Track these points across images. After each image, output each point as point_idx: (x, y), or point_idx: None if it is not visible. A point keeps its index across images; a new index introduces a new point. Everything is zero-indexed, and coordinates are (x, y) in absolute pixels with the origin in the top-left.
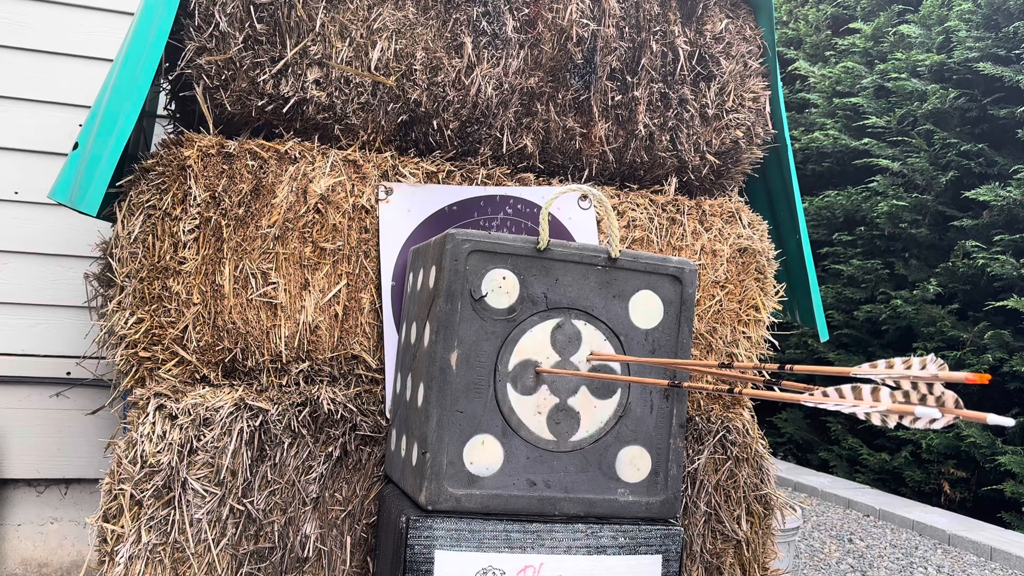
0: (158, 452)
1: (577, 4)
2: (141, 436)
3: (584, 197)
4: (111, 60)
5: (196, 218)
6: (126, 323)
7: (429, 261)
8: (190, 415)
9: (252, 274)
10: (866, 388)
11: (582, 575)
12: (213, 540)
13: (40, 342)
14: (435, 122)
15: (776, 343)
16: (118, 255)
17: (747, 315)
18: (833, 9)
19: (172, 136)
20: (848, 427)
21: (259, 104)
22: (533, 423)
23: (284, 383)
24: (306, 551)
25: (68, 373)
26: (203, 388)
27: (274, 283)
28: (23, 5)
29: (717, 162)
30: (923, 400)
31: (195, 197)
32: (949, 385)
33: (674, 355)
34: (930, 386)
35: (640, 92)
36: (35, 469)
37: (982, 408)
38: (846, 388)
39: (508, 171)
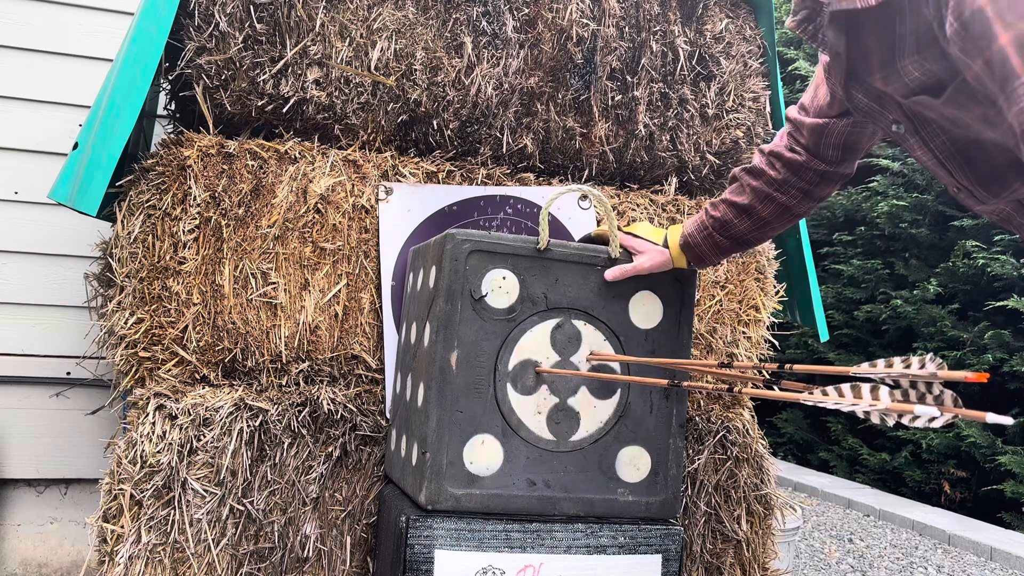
0: (158, 452)
1: (577, 4)
2: (141, 436)
3: (584, 197)
4: (111, 60)
5: (196, 218)
6: (126, 323)
7: (429, 261)
8: (190, 415)
9: (252, 274)
10: (865, 387)
11: (582, 574)
12: (213, 540)
13: (40, 342)
14: (435, 122)
15: (776, 343)
16: (118, 255)
17: (747, 315)
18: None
19: (172, 136)
20: (848, 427)
21: (259, 104)
22: (533, 423)
23: (284, 383)
24: (306, 551)
25: (68, 373)
26: (203, 388)
27: (274, 283)
28: (23, 5)
29: (717, 162)
30: (922, 399)
31: (195, 197)
32: (949, 384)
33: (674, 355)
34: (929, 385)
35: (640, 92)
36: (35, 469)
37: (982, 408)
38: (845, 387)
39: (508, 171)
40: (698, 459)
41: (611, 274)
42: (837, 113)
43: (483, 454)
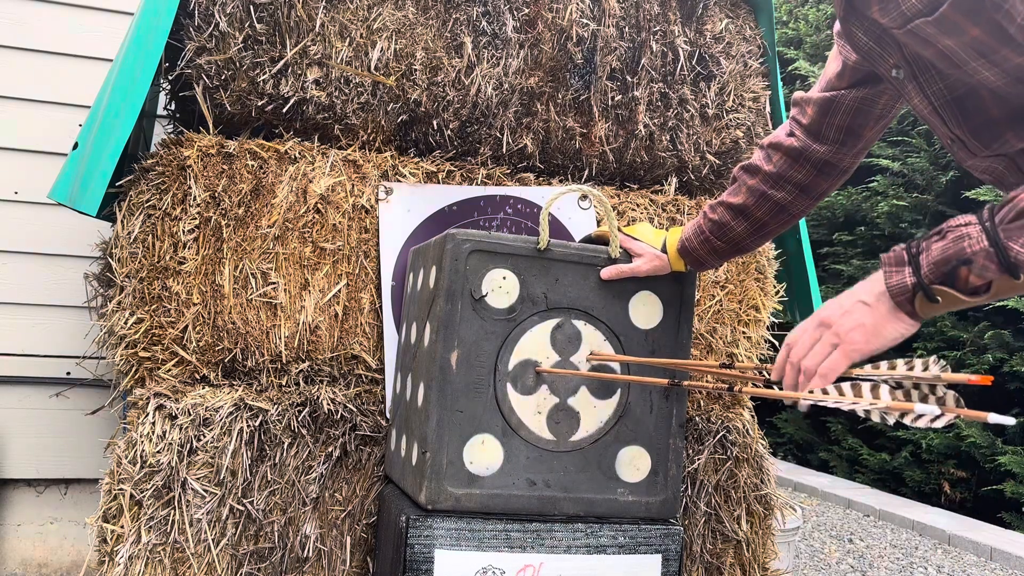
0: (158, 452)
1: (577, 4)
2: (141, 436)
3: (584, 197)
4: (111, 60)
5: (196, 218)
6: (126, 323)
7: (429, 261)
8: (190, 415)
9: (252, 274)
10: (866, 386)
11: (582, 574)
12: (213, 540)
13: (40, 342)
14: (435, 122)
15: (776, 343)
16: (118, 255)
17: (747, 315)
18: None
19: (172, 136)
20: (848, 427)
21: (259, 104)
22: (533, 423)
23: (284, 383)
24: (306, 551)
25: (68, 373)
26: (203, 388)
27: (274, 283)
28: (23, 5)
29: (717, 162)
30: (924, 399)
31: (195, 197)
32: (950, 385)
33: (674, 355)
34: (932, 386)
35: (640, 92)
36: (35, 469)
37: (982, 408)
38: (846, 386)
39: (508, 171)
40: (698, 459)
41: (607, 273)
42: (847, 84)
43: (483, 454)
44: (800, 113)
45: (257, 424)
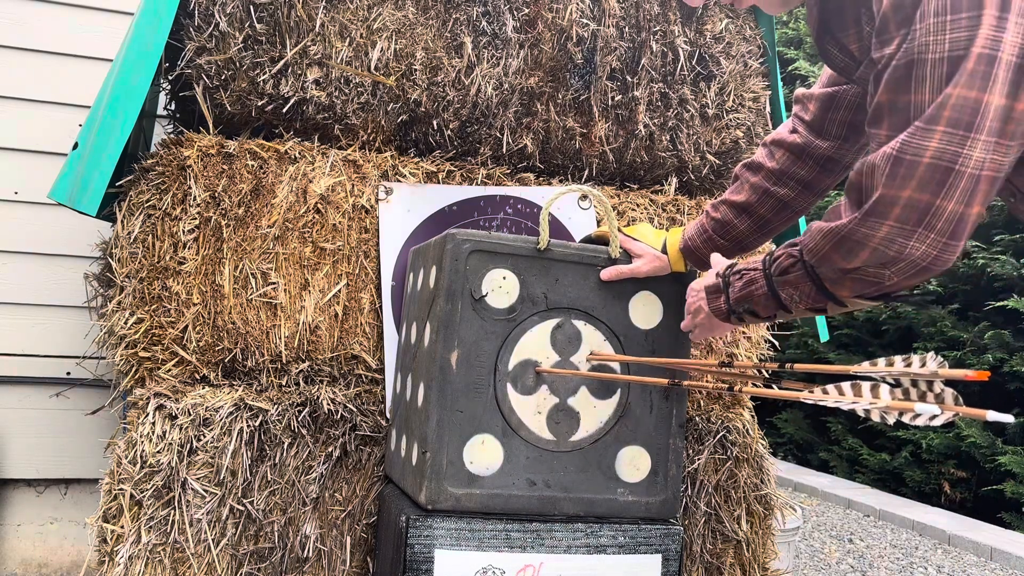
0: (158, 452)
1: (577, 4)
2: (141, 436)
3: (584, 197)
4: (111, 60)
5: (196, 218)
6: (126, 323)
7: (429, 261)
8: (190, 415)
9: (252, 274)
10: (865, 385)
11: (582, 574)
12: (213, 540)
13: (40, 342)
14: (435, 122)
15: (776, 343)
16: (118, 255)
17: None
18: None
19: (172, 136)
20: (848, 427)
21: (259, 104)
22: (533, 423)
23: (284, 383)
24: (306, 551)
25: (68, 373)
26: (203, 388)
27: (274, 283)
28: (23, 5)
29: (717, 162)
30: (923, 398)
31: (195, 197)
32: (949, 383)
33: (674, 355)
34: (930, 384)
35: (640, 92)
36: (35, 469)
37: (982, 408)
38: (845, 385)
39: (508, 171)
40: (698, 459)
41: (607, 274)
42: (847, 81)
43: (483, 454)
44: (803, 110)
45: (257, 424)
